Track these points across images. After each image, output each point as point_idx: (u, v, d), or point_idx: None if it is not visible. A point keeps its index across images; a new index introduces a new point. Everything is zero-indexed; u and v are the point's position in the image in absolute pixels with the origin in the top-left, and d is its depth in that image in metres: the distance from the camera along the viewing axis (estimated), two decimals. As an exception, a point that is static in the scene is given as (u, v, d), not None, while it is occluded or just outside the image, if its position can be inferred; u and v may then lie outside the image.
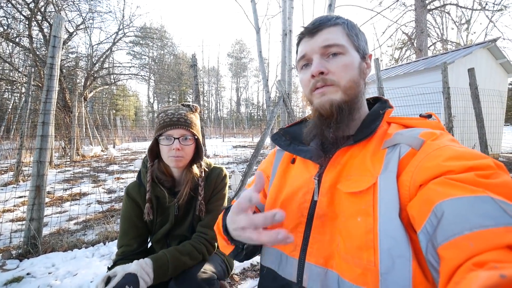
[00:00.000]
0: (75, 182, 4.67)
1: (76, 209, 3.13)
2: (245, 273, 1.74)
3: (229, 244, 0.56)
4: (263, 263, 0.60)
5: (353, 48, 0.54)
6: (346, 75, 0.52)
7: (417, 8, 10.52)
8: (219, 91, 43.74)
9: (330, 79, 0.52)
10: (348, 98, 0.52)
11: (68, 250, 2.03)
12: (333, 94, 0.52)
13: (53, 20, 2.04)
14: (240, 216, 0.42)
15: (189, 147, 0.93)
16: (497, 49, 6.85)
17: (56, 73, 2.05)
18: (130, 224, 0.96)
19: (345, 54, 0.52)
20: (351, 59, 0.53)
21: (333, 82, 0.52)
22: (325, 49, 0.52)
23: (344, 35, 0.53)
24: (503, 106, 7.02)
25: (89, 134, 9.27)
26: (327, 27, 0.53)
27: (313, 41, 0.54)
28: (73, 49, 12.56)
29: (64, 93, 8.08)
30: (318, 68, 0.51)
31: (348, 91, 0.52)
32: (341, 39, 0.52)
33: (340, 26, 0.54)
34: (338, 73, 0.51)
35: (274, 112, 3.09)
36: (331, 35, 0.52)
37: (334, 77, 0.52)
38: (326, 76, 0.52)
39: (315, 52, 0.53)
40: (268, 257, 0.58)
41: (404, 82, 6.66)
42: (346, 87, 0.52)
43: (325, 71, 0.51)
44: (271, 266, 0.57)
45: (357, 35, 0.55)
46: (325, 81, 0.52)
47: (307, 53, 0.54)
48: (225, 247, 0.59)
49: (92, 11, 9.66)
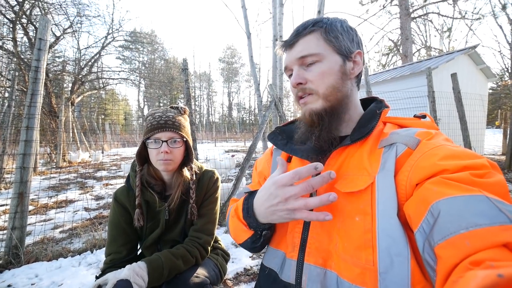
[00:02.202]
0: (61, 189, 4.50)
1: (62, 217, 3.01)
2: (239, 277, 1.71)
3: (248, 229, 0.55)
4: (265, 264, 0.60)
5: (332, 51, 0.53)
6: (324, 82, 0.53)
7: (401, 16, 10.95)
8: (210, 96, 43.62)
9: (309, 88, 0.54)
10: (330, 104, 0.53)
11: (53, 259, 1.95)
12: (313, 103, 0.54)
13: (39, 22, 1.99)
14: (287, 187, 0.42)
15: (178, 150, 0.92)
16: (477, 55, 7.19)
17: (41, 76, 1.99)
18: (119, 231, 0.93)
19: (322, 61, 0.53)
20: (329, 65, 0.53)
21: (311, 90, 0.54)
22: (301, 60, 0.54)
23: (321, 41, 0.53)
24: (485, 110, 7.34)
25: (77, 139, 9.00)
26: (302, 37, 0.54)
27: (291, 53, 0.56)
28: (60, 53, 12.27)
29: (50, 98, 7.83)
30: (296, 79, 0.54)
31: (328, 97, 0.53)
32: (316, 48, 0.53)
33: (317, 32, 0.53)
34: (316, 81, 0.53)
35: (266, 116, 3.11)
36: (305, 45, 0.54)
37: (313, 85, 0.53)
38: (305, 86, 0.54)
39: (293, 63, 0.56)
40: (272, 258, 0.58)
41: (391, 87, 6.86)
42: (325, 94, 0.53)
43: (303, 82, 0.54)
44: (274, 267, 0.56)
45: (337, 37, 0.54)
46: (304, 90, 0.55)
47: (288, 65, 0.58)
48: (242, 233, 0.58)
49: (80, 15, 9.48)
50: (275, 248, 0.58)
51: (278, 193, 0.43)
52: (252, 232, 0.55)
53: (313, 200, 0.40)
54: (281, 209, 0.43)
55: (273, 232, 0.59)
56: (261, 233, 0.56)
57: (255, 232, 0.55)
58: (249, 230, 0.55)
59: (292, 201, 0.41)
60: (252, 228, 0.54)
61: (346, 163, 0.51)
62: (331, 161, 0.53)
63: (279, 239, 0.58)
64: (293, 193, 0.41)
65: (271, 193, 0.44)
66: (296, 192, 0.41)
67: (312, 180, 0.40)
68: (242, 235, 0.58)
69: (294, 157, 0.62)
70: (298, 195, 0.41)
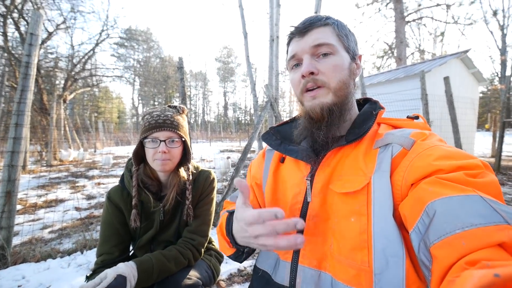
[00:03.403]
0: (51, 188, 4.40)
1: (51, 217, 2.94)
2: (232, 278, 1.70)
3: (231, 247, 0.56)
4: (258, 266, 0.59)
5: (343, 48, 0.53)
6: (336, 76, 0.51)
7: (396, 19, 11.11)
8: (206, 95, 43.43)
9: (321, 79, 0.51)
10: (339, 100, 0.52)
11: (41, 260, 1.89)
12: (324, 97, 0.52)
13: (30, 17, 1.94)
14: (255, 226, 0.41)
15: (176, 150, 0.90)
16: (468, 60, 7.35)
17: (32, 72, 1.94)
18: (112, 231, 0.91)
19: (335, 54, 0.52)
20: (341, 60, 0.52)
21: (323, 83, 0.51)
22: (315, 49, 0.52)
23: (334, 35, 0.53)
24: (475, 113, 7.50)
25: (68, 137, 8.83)
26: (317, 27, 0.53)
27: (303, 41, 0.53)
28: (53, 49, 12.01)
29: (41, 94, 7.66)
30: (309, 68, 0.51)
31: (338, 93, 0.52)
32: (331, 39, 0.52)
33: (330, 26, 0.53)
34: (329, 73, 0.51)
35: (261, 116, 3.10)
36: (321, 34, 0.52)
37: (325, 77, 0.51)
38: (316, 77, 0.51)
39: (305, 52, 0.53)
40: (265, 260, 0.57)
41: (386, 89, 6.96)
42: (336, 88, 0.51)
43: (315, 72, 0.51)
44: (267, 269, 0.56)
45: (347, 35, 0.55)
46: (316, 81, 0.52)
47: (297, 53, 0.54)
48: (226, 249, 0.59)
49: (74, 10, 9.31)
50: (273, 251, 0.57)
51: (247, 229, 0.42)
52: (235, 250, 0.57)
53: (282, 243, 0.39)
54: (253, 242, 0.42)
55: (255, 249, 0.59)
56: (243, 251, 0.57)
57: (237, 250, 0.56)
58: (231, 248, 0.56)
59: (263, 239, 0.40)
60: (234, 247, 0.55)
61: (341, 163, 0.51)
62: (326, 162, 0.52)
63: None
64: (260, 233, 0.40)
65: (242, 227, 0.44)
66: (262, 233, 0.40)
67: (278, 225, 0.39)
68: (226, 251, 0.60)
69: (288, 157, 0.61)
70: (265, 235, 0.40)
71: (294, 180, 0.56)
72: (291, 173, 0.58)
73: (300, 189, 0.54)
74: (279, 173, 0.61)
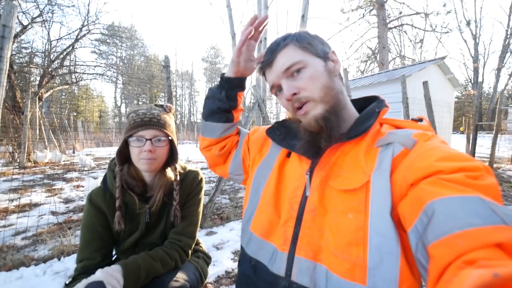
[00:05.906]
0: (24, 191, 4.12)
1: (24, 222, 2.74)
2: (220, 281, 1.67)
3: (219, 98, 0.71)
4: (251, 254, 0.58)
5: (311, 56, 0.55)
6: (316, 85, 0.53)
7: (379, 25, 11.58)
8: (193, 95, 42.80)
9: (304, 96, 0.53)
10: (329, 105, 0.53)
11: (13, 269, 1.76)
12: (314, 109, 0.53)
13: (3, 8, 1.82)
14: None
15: (162, 149, 0.87)
16: (445, 66, 7.79)
17: (4, 66, 1.80)
18: (94, 235, 0.86)
19: (307, 66, 0.53)
20: (315, 68, 0.54)
21: (307, 98, 0.53)
22: (287, 72, 0.54)
23: (298, 50, 0.54)
24: (451, 116, 7.97)
25: (44, 137, 8.33)
26: (279, 52, 0.55)
27: (273, 69, 0.57)
28: (28, 44, 11.31)
29: (14, 91, 7.17)
30: (289, 91, 0.53)
31: (325, 99, 0.53)
32: (296, 56, 0.54)
33: (291, 44, 0.55)
34: (308, 87, 0.53)
35: (249, 117, 3.09)
36: (286, 57, 0.54)
37: (307, 92, 0.53)
38: (299, 95, 0.53)
39: (280, 78, 0.56)
40: (259, 249, 0.57)
41: (369, 92, 7.19)
42: (322, 96, 0.53)
43: (296, 91, 0.53)
44: (262, 260, 0.55)
45: (310, 42, 0.56)
46: (300, 100, 0.53)
47: (274, 81, 0.57)
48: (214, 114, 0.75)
49: (52, 3, 8.83)
50: (264, 239, 0.57)
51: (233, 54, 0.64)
52: None
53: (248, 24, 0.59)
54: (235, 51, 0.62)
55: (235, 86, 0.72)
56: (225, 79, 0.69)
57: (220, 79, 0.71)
58: None
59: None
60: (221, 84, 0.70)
61: (340, 160, 0.52)
62: (326, 157, 0.53)
63: (267, 230, 0.57)
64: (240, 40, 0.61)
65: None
66: (241, 38, 0.60)
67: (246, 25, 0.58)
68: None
69: (293, 152, 0.61)
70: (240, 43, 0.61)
71: (295, 174, 0.57)
72: (293, 167, 0.59)
73: (299, 183, 0.55)
74: (284, 167, 0.62)
